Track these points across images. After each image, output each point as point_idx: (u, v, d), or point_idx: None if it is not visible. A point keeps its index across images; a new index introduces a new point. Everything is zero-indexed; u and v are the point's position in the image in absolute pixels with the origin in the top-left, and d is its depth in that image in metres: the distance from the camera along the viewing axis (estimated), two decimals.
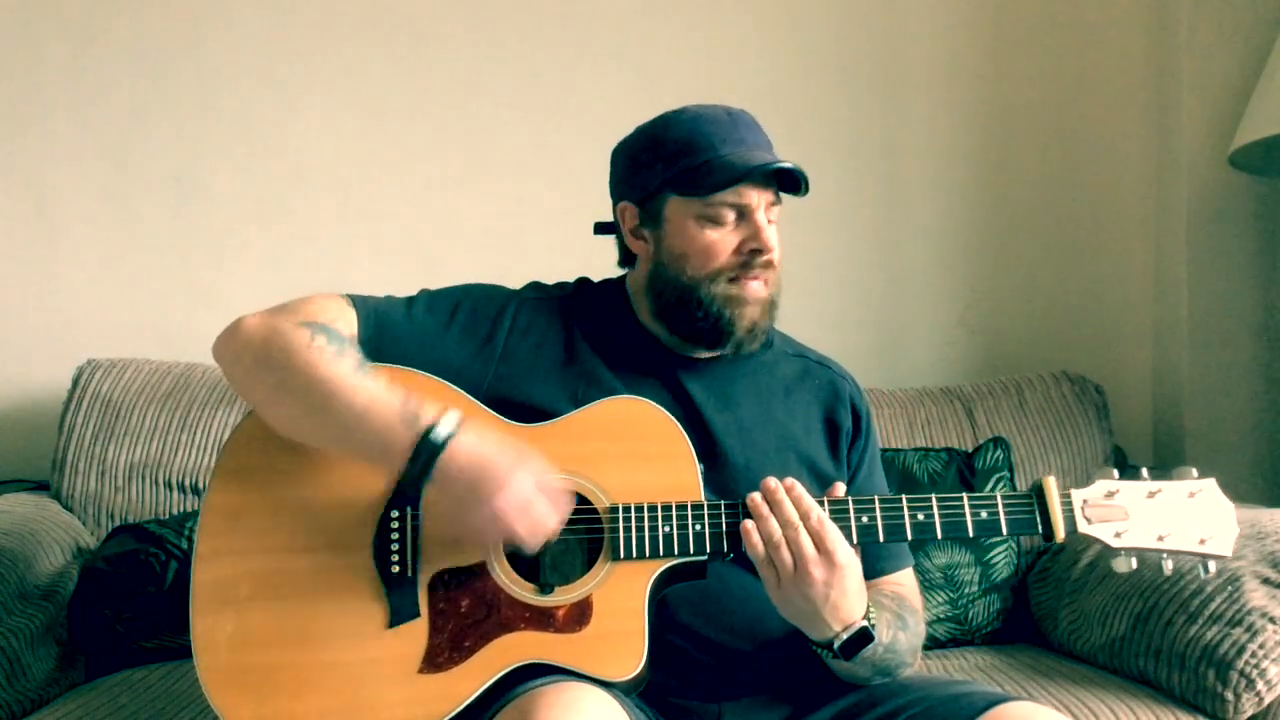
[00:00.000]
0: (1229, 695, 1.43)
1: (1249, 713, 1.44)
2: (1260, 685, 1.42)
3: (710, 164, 1.25)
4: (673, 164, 1.28)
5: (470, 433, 1.12)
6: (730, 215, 1.26)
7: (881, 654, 1.18)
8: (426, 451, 1.10)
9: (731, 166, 1.24)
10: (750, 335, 1.29)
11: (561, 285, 1.40)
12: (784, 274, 1.32)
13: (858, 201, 2.33)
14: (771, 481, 1.14)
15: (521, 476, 1.10)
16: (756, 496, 1.14)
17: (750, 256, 1.27)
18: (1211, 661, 1.44)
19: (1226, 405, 2.20)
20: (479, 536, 1.15)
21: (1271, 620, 1.44)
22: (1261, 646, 1.42)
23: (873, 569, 1.33)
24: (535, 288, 1.38)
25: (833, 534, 1.11)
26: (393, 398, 1.13)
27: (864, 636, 1.14)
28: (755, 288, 1.28)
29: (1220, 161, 2.14)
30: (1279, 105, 1.89)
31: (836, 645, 1.14)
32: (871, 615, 1.15)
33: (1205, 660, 1.45)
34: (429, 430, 1.10)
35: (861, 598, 1.14)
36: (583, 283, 1.42)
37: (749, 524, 1.13)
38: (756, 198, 1.26)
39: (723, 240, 1.27)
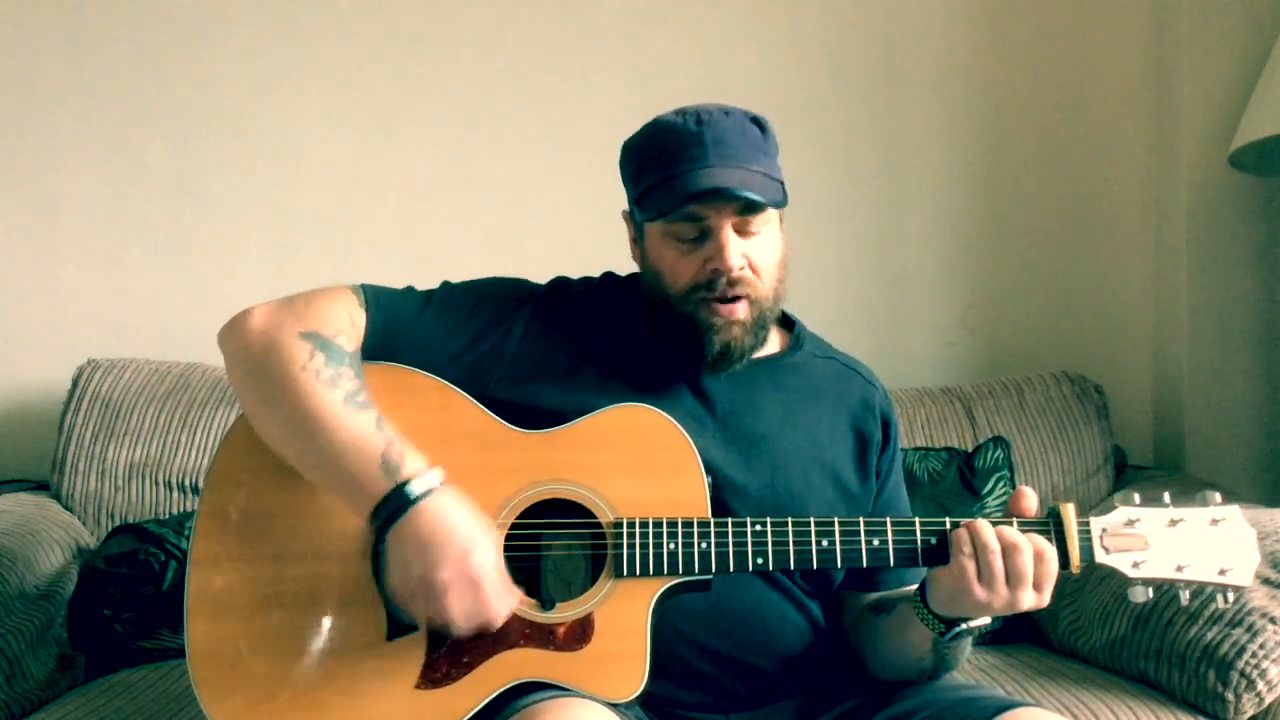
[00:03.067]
0: (1229, 696, 1.42)
1: (1249, 713, 1.44)
2: (1261, 685, 1.42)
3: (664, 185, 1.21)
4: (638, 183, 1.26)
5: (447, 497, 1.09)
6: (692, 232, 1.22)
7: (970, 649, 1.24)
8: (396, 502, 1.07)
9: (680, 188, 1.19)
10: (725, 358, 1.24)
11: (586, 280, 1.37)
12: (786, 271, 1.30)
13: (858, 201, 2.33)
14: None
15: (483, 553, 1.07)
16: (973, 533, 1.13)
17: (712, 276, 1.22)
18: (1212, 662, 1.44)
19: (1226, 405, 2.20)
20: (410, 599, 1.09)
21: (1272, 620, 1.43)
22: (1262, 647, 1.42)
23: (900, 579, 1.32)
24: (557, 285, 1.35)
25: (1051, 571, 1.11)
26: (377, 441, 1.10)
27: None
28: (727, 311, 1.23)
29: (1220, 161, 2.14)
30: (1279, 105, 1.89)
31: (980, 628, 1.17)
32: None
33: (1206, 660, 1.45)
34: (405, 483, 1.08)
35: None
36: (608, 278, 1.39)
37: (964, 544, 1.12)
38: (715, 215, 1.20)
39: (686, 259, 1.23)
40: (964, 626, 1.15)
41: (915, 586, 1.22)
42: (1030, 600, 1.11)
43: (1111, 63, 2.34)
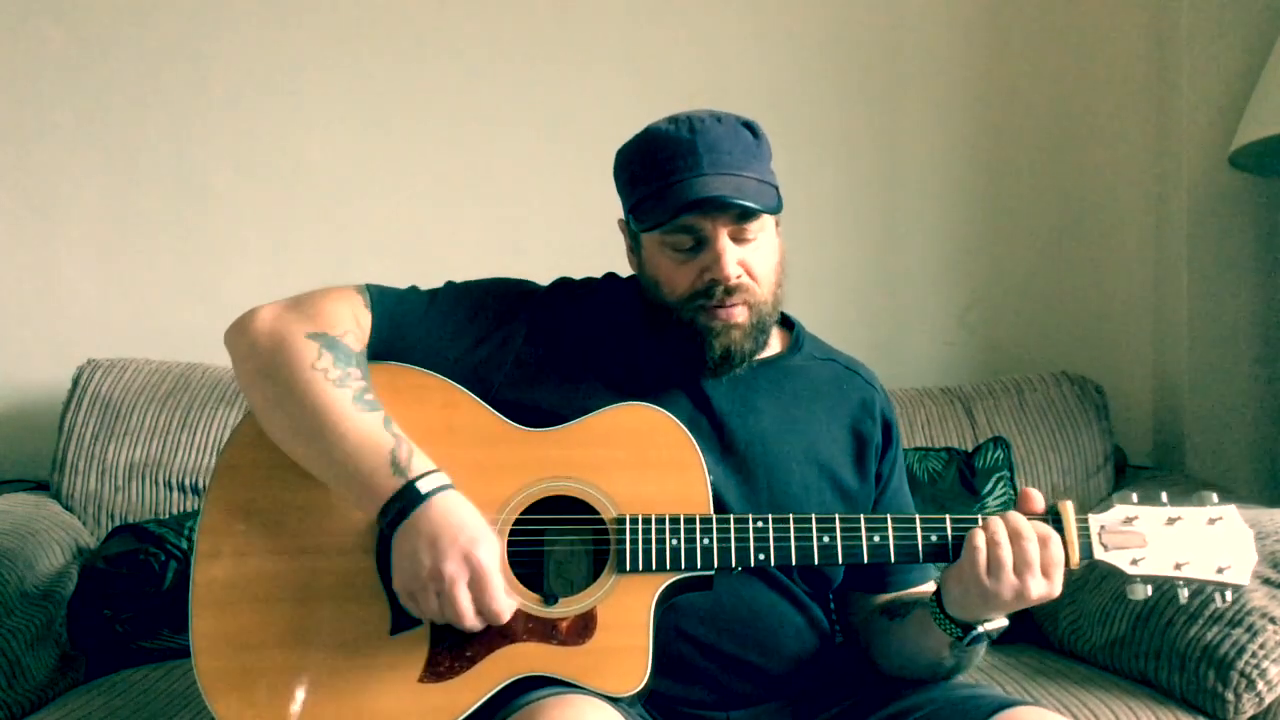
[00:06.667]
0: (1229, 696, 1.42)
1: (1249, 713, 1.44)
2: (1260, 685, 1.42)
3: (657, 195, 1.21)
4: (632, 193, 1.26)
5: (455, 495, 1.11)
6: (688, 242, 1.22)
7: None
8: (406, 499, 1.09)
9: (674, 198, 1.19)
10: (726, 362, 1.25)
11: (588, 282, 1.38)
12: (784, 274, 1.31)
13: (858, 201, 2.33)
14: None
15: (488, 547, 1.08)
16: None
17: (710, 285, 1.22)
18: (1212, 662, 1.44)
19: (1226, 405, 2.20)
20: (420, 591, 1.08)
21: (1272, 620, 1.44)
22: (1262, 647, 1.42)
23: (905, 580, 1.33)
24: (559, 286, 1.35)
25: (1057, 557, 1.11)
26: (385, 440, 1.12)
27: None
28: (725, 314, 1.23)
29: (1220, 161, 2.14)
30: (1279, 105, 1.89)
31: (994, 632, 1.15)
32: None
33: (1205, 660, 1.45)
34: (414, 480, 1.09)
35: None
36: (610, 279, 1.39)
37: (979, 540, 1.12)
38: (711, 224, 1.20)
39: (684, 268, 1.23)
40: (981, 629, 1.15)
41: (928, 588, 1.21)
42: (1039, 587, 1.10)
43: (1111, 63, 2.34)
